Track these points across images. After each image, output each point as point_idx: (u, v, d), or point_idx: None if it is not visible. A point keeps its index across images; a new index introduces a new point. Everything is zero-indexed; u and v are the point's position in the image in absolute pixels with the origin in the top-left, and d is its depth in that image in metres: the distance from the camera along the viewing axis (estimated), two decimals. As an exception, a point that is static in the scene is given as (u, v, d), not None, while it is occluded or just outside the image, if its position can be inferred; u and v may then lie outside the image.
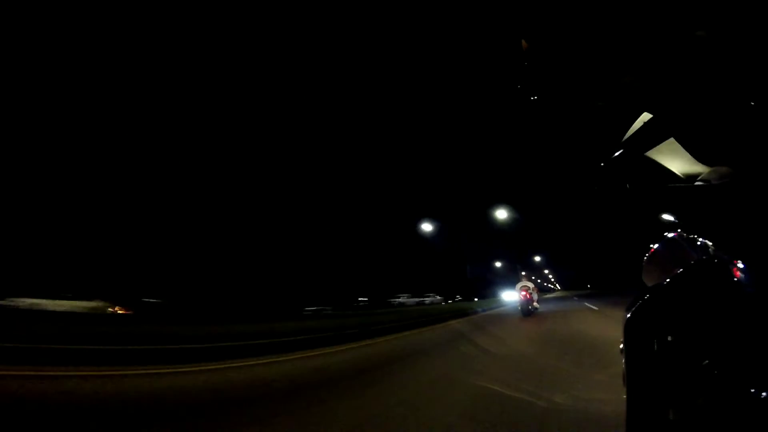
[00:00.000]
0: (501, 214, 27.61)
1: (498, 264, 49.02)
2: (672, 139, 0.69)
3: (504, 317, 12.57)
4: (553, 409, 2.61)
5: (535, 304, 12.38)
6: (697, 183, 0.72)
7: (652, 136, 0.71)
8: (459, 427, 2.42)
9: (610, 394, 2.54)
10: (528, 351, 5.29)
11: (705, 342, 0.50)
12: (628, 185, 0.82)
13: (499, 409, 2.66)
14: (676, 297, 0.62)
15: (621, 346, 0.71)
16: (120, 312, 13.97)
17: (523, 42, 0.56)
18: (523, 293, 12.09)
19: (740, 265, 0.50)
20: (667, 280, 0.67)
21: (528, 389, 3.05)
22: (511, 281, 19.66)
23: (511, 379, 3.50)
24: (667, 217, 0.80)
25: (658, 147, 0.74)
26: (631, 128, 0.75)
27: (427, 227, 26.18)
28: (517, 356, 4.95)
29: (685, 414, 0.49)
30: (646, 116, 0.71)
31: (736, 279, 0.50)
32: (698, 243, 0.68)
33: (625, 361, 0.67)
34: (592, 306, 13.07)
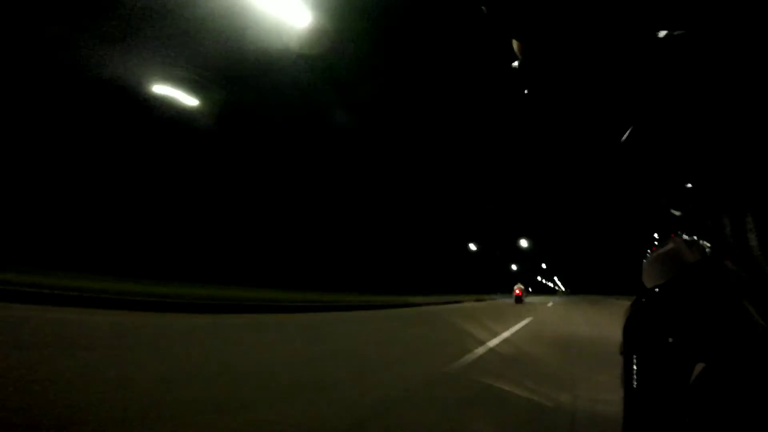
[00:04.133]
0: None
1: (514, 267, 66.21)
2: (671, 140, 0.69)
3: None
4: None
5: (523, 298, 22.78)
6: (696, 183, 0.95)
7: (651, 136, 0.71)
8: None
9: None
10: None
11: (704, 344, 0.52)
12: (627, 185, 1.20)
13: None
14: (676, 299, 0.63)
15: (620, 347, 0.73)
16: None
17: (516, 43, 0.58)
18: (517, 292, 22.75)
19: (740, 266, 0.51)
20: (667, 281, 0.68)
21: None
22: (520, 279, 31.97)
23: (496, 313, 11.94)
24: (666, 216, 1.05)
25: (657, 148, 1.03)
26: (630, 129, 1.08)
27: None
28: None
29: (684, 416, 0.50)
30: (645, 116, 0.72)
31: (735, 281, 0.51)
32: (698, 244, 0.69)
33: (624, 363, 0.68)
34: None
